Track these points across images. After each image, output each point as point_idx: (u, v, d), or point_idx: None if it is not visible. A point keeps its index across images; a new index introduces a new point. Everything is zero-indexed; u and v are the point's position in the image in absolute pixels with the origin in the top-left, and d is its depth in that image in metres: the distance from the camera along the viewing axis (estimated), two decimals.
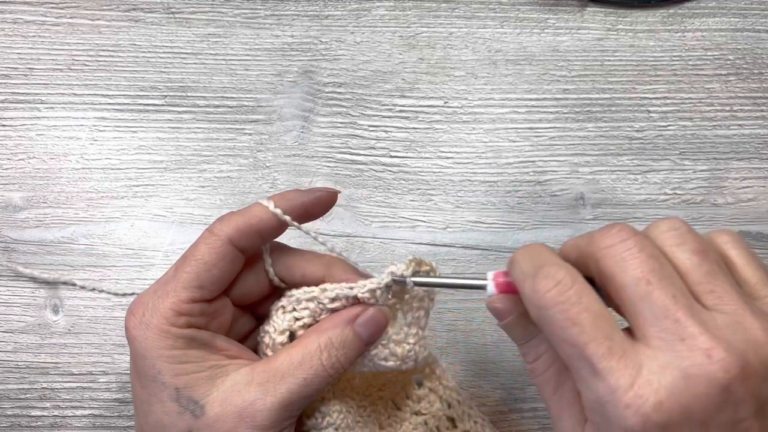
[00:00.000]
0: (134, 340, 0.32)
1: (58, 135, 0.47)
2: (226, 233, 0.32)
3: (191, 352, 0.31)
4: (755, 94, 0.48)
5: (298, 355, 0.32)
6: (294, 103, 0.48)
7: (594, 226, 0.46)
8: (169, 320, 0.31)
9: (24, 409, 0.44)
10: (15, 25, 0.48)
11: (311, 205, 0.34)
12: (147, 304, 0.32)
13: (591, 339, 0.25)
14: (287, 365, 0.31)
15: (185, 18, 0.48)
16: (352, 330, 0.32)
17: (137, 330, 0.31)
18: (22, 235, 0.45)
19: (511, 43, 0.49)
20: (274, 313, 0.34)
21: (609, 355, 0.25)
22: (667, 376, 0.24)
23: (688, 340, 0.25)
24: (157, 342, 0.31)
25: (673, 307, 0.25)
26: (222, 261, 0.32)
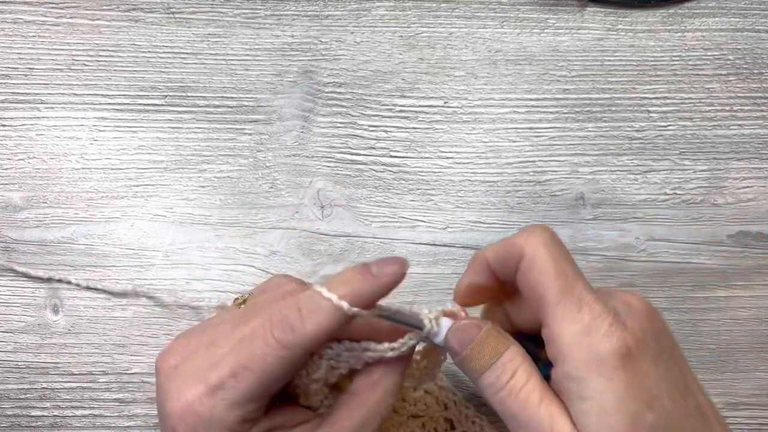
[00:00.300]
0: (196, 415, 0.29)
1: (58, 135, 0.47)
2: (302, 348, 0.29)
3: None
4: (755, 94, 0.48)
5: (359, 415, 0.31)
6: (294, 103, 0.48)
7: (594, 226, 0.46)
8: (237, 430, 0.29)
9: (24, 409, 0.44)
10: (15, 25, 0.48)
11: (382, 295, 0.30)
12: (202, 413, 0.28)
13: (581, 275, 0.30)
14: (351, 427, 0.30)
15: (185, 18, 0.48)
16: (398, 376, 0.32)
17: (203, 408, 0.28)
18: (22, 235, 0.45)
19: (511, 43, 0.49)
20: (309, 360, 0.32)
21: (590, 290, 0.30)
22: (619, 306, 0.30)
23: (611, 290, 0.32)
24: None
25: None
26: (293, 370, 0.30)
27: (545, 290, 0.30)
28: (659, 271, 0.46)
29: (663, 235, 0.46)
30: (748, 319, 0.46)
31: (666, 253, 0.46)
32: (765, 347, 0.45)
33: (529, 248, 0.30)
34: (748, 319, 0.46)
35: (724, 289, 0.46)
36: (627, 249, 0.46)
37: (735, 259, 0.46)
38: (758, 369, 0.45)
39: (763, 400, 0.45)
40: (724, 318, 0.45)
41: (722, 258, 0.46)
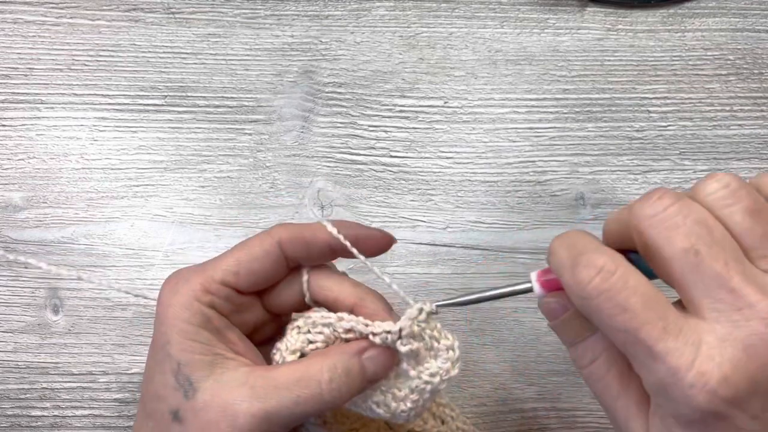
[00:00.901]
0: (160, 305, 0.32)
1: (58, 135, 0.47)
2: (279, 235, 0.32)
3: (202, 333, 0.31)
4: (755, 94, 0.48)
5: (298, 371, 0.31)
6: (294, 103, 0.48)
7: (594, 226, 0.46)
8: (196, 294, 0.31)
9: (24, 409, 0.44)
10: (15, 25, 0.48)
11: (364, 240, 0.33)
12: (183, 274, 0.32)
13: (643, 322, 0.24)
14: (285, 378, 0.31)
15: (185, 18, 0.48)
16: (359, 361, 0.31)
17: (166, 295, 0.32)
18: (22, 235, 0.45)
19: (511, 43, 0.49)
20: (288, 332, 0.33)
21: (665, 336, 0.24)
22: (728, 349, 0.23)
23: (745, 309, 0.24)
24: (176, 311, 0.31)
25: (726, 275, 0.24)
26: (266, 258, 0.32)
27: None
28: None
29: None
30: None
31: None
32: None
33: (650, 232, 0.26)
34: None
35: None
36: None
37: None
38: None
39: None
40: None
41: None
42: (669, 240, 0.25)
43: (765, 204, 0.26)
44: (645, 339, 0.24)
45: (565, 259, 0.27)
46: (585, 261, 0.26)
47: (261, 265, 0.32)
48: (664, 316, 0.25)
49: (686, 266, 0.24)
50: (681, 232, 0.25)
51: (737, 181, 0.26)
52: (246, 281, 0.32)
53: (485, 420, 0.44)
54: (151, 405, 0.31)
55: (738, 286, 0.24)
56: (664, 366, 0.24)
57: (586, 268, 0.26)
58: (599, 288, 0.25)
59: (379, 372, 0.32)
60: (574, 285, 0.26)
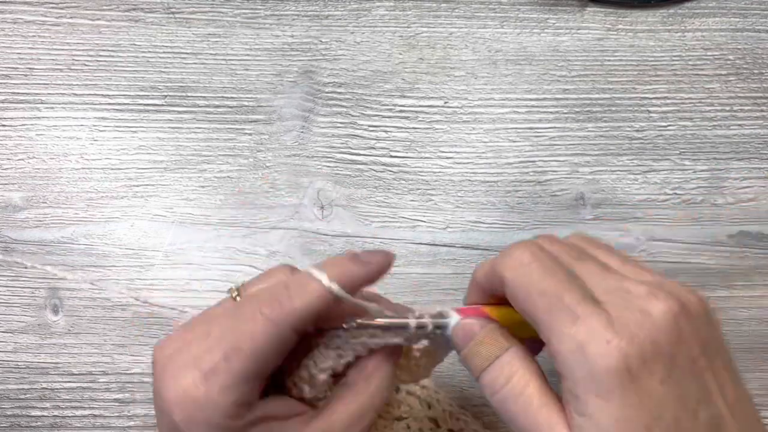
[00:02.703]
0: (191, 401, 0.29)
1: (58, 135, 0.47)
2: (289, 324, 0.29)
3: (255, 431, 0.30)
4: (755, 94, 0.48)
5: (354, 407, 0.31)
6: (294, 103, 0.48)
7: (594, 226, 0.46)
8: (232, 415, 0.29)
9: (24, 409, 0.44)
10: (15, 25, 0.48)
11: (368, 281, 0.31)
12: (199, 398, 0.28)
13: (567, 289, 0.28)
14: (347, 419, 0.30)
15: (185, 18, 0.48)
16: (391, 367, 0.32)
17: (197, 429, 0.29)
18: (22, 235, 0.45)
19: (511, 43, 0.49)
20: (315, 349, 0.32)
21: (585, 301, 0.27)
22: (630, 315, 0.27)
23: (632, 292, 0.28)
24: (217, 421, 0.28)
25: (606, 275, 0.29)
26: (283, 350, 0.30)
27: (533, 313, 0.28)
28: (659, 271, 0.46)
29: (663, 235, 0.46)
30: (748, 319, 0.46)
31: (666, 253, 0.46)
32: (765, 347, 0.45)
33: (508, 273, 0.29)
34: (748, 319, 0.46)
35: (724, 289, 0.46)
36: (627, 249, 0.46)
37: (735, 259, 0.46)
38: (758, 369, 0.45)
39: (764, 400, 0.45)
40: (724, 318, 0.45)
41: (722, 258, 0.46)
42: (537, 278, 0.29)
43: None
44: (569, 302, 0.27)
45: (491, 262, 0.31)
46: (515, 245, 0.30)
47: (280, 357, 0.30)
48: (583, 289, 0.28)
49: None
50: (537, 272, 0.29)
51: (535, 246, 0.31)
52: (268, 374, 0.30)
53: (485, 420, 0.44)
54: None
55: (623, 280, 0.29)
56: (584, 326, 0.27)
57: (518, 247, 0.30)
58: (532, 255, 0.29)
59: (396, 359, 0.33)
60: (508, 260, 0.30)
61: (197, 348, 0.30)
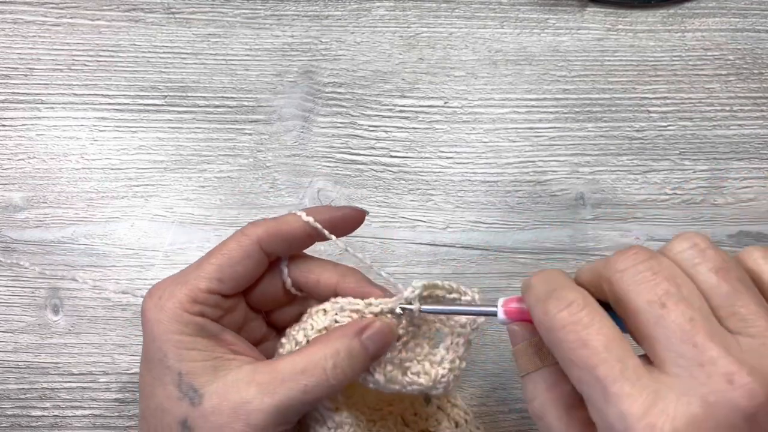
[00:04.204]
0: (147, 322, 0.32)
1: (58, 135, 0.47)
2: (256, 234, 0.33)
3: (199, 340, 0.31)
4: (755, 94, 0.48)
5: (302, 361, 0.31)
6: (294, 103, 0.48)
7: (594, 226, 0.46)
8: (184, 306, 0.31)
9: (24, 409, 0.44)
10: (15, 25, 0.48)
11: (339, 221, 0.35)
12: (165, 288, 0.32)
13: (602, 361, 0.24)
14: (290, 370, 0.31)
15: (185, 18, 0.48)
16: (359, 342, 0.32)
17: (151, 312, 0.32)
18: (22, 235, 0.45)
19: (511, 43, 0.49)
20: (314, 314, 0.34)
21: (621, 379, 0.24)
22: (684, 405, 0.23)
23: (707, 365, 0.23)
24: (167, 326, 0.31)
25: (690, 330, 0.24)
26: (247, 259, 0.33)
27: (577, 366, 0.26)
28: None
29: (663, 235, 0.46)
30: None
31: None
32: None
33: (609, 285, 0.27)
34: None
35: None
36: None
37: None
38: None
39: None
40: None
41: None
42: (638, 292, 0.25)
43: (732, 263, 0.26)
44: (602, 377, 0.24)
45: (541, 292, 0.27)
46: (557, 294, 0.27)
47: (243, 268, 0.33)
48: (623, 360, 0.24)
49: (652, 318, 0.25)
50: (649, 286, 0.25)
51: (705, 241, 0.27)
52: (230, 286, 0.33)
53: (485, 420, 0.44)
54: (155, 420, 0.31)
55: (701, 342, 0.23)
56: (616, 409, 0.23)
57: (556, 301, 0.26)
58: (565, 320, 0.26)
59: (380, 348, 0.33)
60: (543, 315, 0.27)
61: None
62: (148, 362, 0.32)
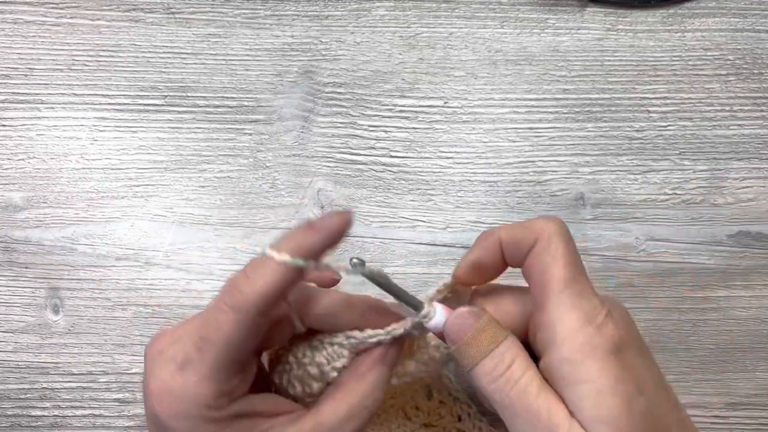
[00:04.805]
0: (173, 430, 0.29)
1: (58, 135, 0.47)
2: (252, 307, 0.29)
3: (237, 426, 0.30)
4: (755, 94, 0.48)
5: (344, 407, 0.31)
6: (294, 103, 0.48)
7: (594, 226, 0.46)
8: (211, 405, 0.29)
9: (24, 409, 0.44)
10: (15, 25, 0.48)
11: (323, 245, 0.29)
12: (176, 391, 0.29)
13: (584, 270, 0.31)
14: (335, 419, 0.30)
15: (185, 18, 0.48)
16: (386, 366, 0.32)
17: (176, 421, 0.29)
18: (22, 235, 0.45)
19: (511, 43, 0.49)
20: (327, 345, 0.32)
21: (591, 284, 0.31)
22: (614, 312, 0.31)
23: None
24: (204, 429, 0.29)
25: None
26: (253, 335, 0.29)
27: (552, 276, 0.30)
28: (659, 271, 0.46)
29: (663, 235, 0.46)
30: (748, 319, 0.46)
31: (666, 253, 0.46)
32: (765, 347, 0.45)
33: (546, 233, 0.31)
34: (748, 319, 0.46)
35: (724, 289, 0.46)
36: (627, 249, 0.46)
37: (735, 259, 0.46)
38: (758, 369, 0.45)
39: (763, 400, 0.45)
40: (723, 318, 0.46)
41: (722, 258, 0.46)
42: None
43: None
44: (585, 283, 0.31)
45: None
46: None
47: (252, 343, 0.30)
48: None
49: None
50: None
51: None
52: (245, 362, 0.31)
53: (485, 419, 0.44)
54: None
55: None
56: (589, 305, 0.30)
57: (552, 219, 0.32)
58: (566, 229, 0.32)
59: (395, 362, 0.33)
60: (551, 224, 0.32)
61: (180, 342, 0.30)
62: None
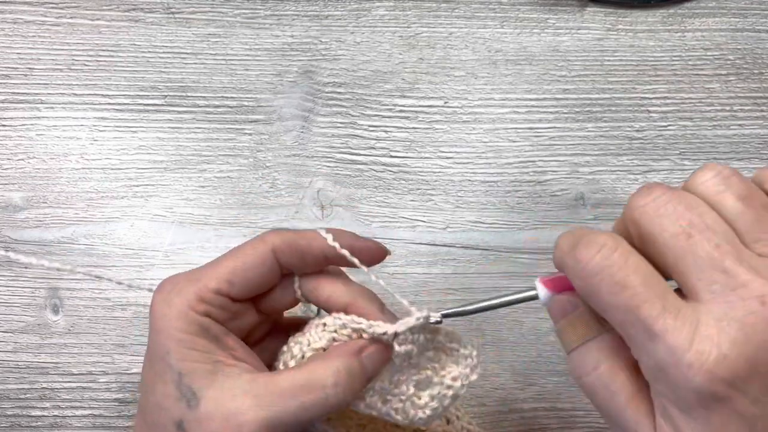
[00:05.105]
0: (154, 315, 0.31)
1: (58, 135, 0.47)
2: (273, 243, 0.32)
3: (201, 341, 0.31)
4: (755, 94, 0.48)
5: (302, 377, 0.31)
6: (294, 103, 0.48)
7: (594, 227, 0.46)
8: (191, 303, 0.31)
9: (24, 409, 0.44)
10: (15, 25, 0.48)
11: (359, 252, 0.33)
12: (176, 283, 0.32)
13: (643, 300, 0.24)
14: (289, 385, 0.30)
15: (185, 18, 0.48)
16: (360, 362, 0.32)
17: (159, 306, 0.31)
18: (22, 235, 0.45)
19: (511, 43, 0.49)
20: (313, 328, 0.33)
21: (664, 314, 0.24)
22: (725, 328, 0.23)
23: (739, 289, 0.24)
24: (173, 321, 0.31)
25: (718, 257, 0.24)
26: (261, 266, 0.32)
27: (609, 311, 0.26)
28: None
29: None
30: None
31: None
32: None
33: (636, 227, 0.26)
34: None
35: None
36: None
37: None
38: None
39: None
40: None
41: None
42: (661, 226, 0.25)
43: (756, 190, 0.26)
44: (645, 318, 0.24)
45: (567, 244, 0.27)
46: (586, 241, 0.26)
47: (255, 274, 0.32)
48: (663, 296, 0.24)
49: (679, 250, 0.25)
50: (672, 218, 0.25)
51: (728, 170, 0.26)
52: (240, 290, 0.32)
53: (485, 420, 0.44)
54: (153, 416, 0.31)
55: (730, 267, 0.24)
56: (663, 345, 0.24)
57: (586, 247, 0.26)
58: (600, 265, 0.25)
59: (376, 369, 0.32)
60: (575, 265, 0.26)
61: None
62: (151, 356, 0.32)
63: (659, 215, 0.25)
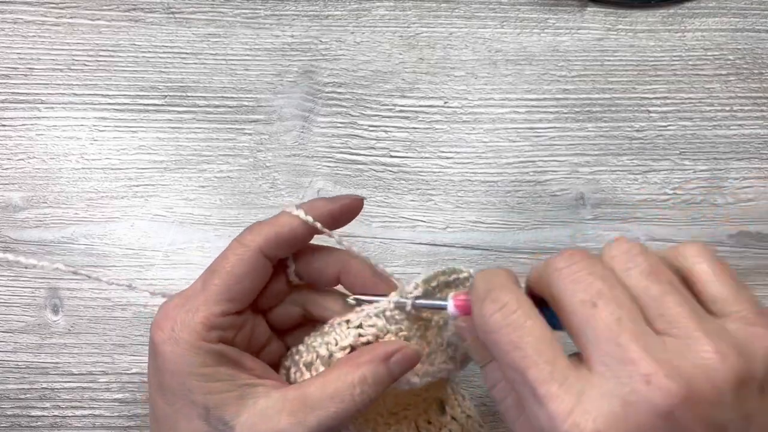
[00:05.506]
0: (162, 355, 0.31)
1: (58, 135, 0.47)
2: (257, 244, 0.32)
3: (222, 370, 0.31)
4: (755, 94, 0.48)
5: (330, 386, 0.31)
6: (294, 103, 0.48)
7: (594, 226, 0.46)
8: (201, 335, 0.31)
9: (24, 409, 0.44)
10: (15, 25, 0.48)
11: (338, 213, 0.34)
12: (176, 318, 0.31)
13: (532, 363, 0.25)
14: (319, 396, 0.31)
15: (185, 18, 0.48)
16: (387, 368, 0.32)
17: (166, 345, 0.31)
18: (22, 235, 0.45)
19: (511, 43, 0.49)
20: (336, 326, 0.33)
21: (550, 381, 0.25)
22: (605, 405, 0.24)
23: (629, 365, 0.24)
24: (188, 358, 0.30)
25: (617, 330, 0.24)
26: (252, 272, 0.32)
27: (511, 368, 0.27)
28: None
29: (663, 235, 0.46)
30: None
31: None
32: None
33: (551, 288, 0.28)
34: None
35: None
36: None
37: (735, 259, 0.46)
38: None
39: None
40: None
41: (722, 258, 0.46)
42: (572, 291, 0.26)
43: (662, 267, 0.27)
44: (531, 380, 0.25)
45: (480, 291, 0.28)
46: (492, 296, 0.27)
47: (251, 281, 0.32)
48: (552, 362, 0.25)
49: (582, 317, 0.25)
50: (583, 285, 0.26)
51: (637, 247, 0.27)
52: (241, 302, 0.32)
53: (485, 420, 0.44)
54: None
55: (625, 342, 0.24)
56: (545, 411, 0.24)
57: (491, 303, 0.27)
58: (499, 323, 0.26)
59: (404, 372, 0.33)
60: (479, 317, 0.27)
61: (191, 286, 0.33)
62: (166, 394, 0.31)
63: (573, 281, 0.26)
